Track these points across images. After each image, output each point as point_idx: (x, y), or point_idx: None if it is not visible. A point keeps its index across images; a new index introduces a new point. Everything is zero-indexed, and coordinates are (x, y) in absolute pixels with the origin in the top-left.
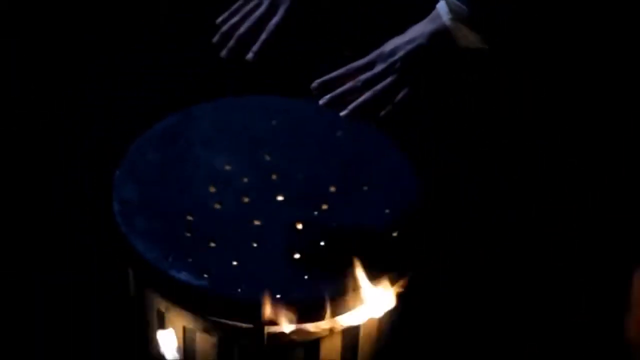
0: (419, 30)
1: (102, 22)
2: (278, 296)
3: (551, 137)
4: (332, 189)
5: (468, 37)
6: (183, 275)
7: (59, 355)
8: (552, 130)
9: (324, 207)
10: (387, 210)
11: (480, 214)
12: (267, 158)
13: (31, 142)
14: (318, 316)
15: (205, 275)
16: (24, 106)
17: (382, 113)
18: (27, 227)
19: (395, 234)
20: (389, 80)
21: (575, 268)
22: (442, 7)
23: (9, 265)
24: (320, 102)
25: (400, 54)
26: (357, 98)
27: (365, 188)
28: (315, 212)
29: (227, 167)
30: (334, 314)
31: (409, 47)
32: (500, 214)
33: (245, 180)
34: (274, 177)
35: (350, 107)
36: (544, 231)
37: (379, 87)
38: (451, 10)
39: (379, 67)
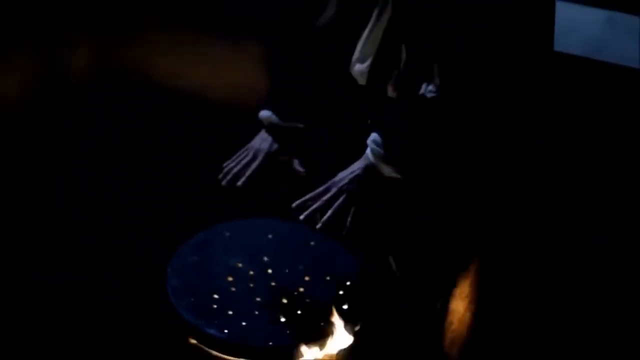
0: (356, 166)
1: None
2: (270, 343)
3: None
4: (307, 278)
5: (385, 169)
6: (211, 331)
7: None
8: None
9: (301, 289)
10: (340, 292)
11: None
12: (265, 259)
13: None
14: (298, 355)
15: (225, 331)
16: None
17: (344, 232)
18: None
19: (345, 307)
20: (341, 199)
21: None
22: (368, 151)
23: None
24: (300, 217)
25: (345, 181)
26: (324, 214)
27: (328, 278)
28: (295, 293)
29: (239, 265)
30: (306, 354)
31: (351, 176)
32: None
33: (251, 273)
34: (269, 271)
35: (322, 221)
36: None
37: (335, 205)
38: (373, 152)
39: (333, 190)
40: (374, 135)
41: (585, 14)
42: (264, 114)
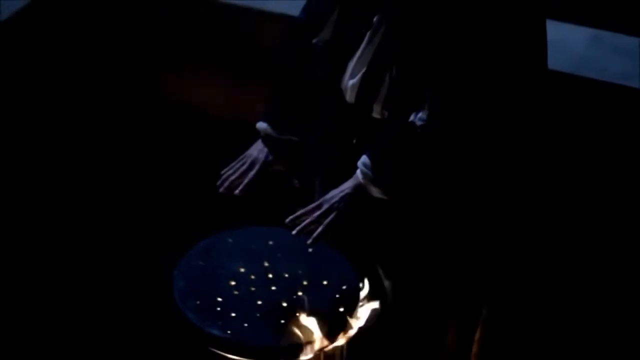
0: (346, 185)
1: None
2: (270, 343)
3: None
4: (305, 282)
5: (374, 190)
6: (215, 332)
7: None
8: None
9: (300, 293)
10: (337, 295)
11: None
12: (266, 264)
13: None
14: (295, 355)
15: (228, 332)
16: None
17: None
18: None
19: (341, 309)
20: (331, 215)
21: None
22: (358, 172)
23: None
24: (293, 232)
25: (336, 198)
26: (316, 228)
27: (325, 282)
28: (294, 296)
29: (242, 270)
30: (304, 353)
31: (341, 194)
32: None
33: (253, 277)
34: (270, 275)
35: (312, 237)
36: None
37: (326, 222)
38: (362, 173)
39: (324, 207)
40: (364, 158)
41: (572, 32)
42: (261, 125)
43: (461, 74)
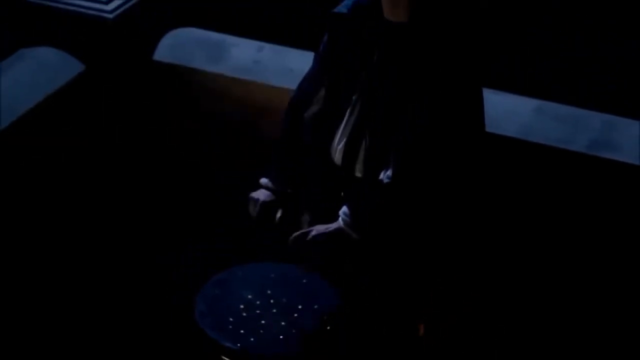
0: (331, 226)
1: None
2: (272, 353)
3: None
4: (299, 306)
5: (353, 234)
6: (227, 344)
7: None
8: None
9: (295, 315)
10: (325, 317)
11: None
12: (269, 292)
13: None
14: None
15: (238, 344)
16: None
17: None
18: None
19: (328, 327)
20: (313, 239)
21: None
22: (340, 219)
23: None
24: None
25: (321, 231)
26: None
27: (315, 306)
28: (291, 318)
29: (249, 297)
30: None
31: (326, 232)
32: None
33: (258, 302)
34: (271, 301)
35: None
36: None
37: (307, 239)
38: (343, 220)
39: (312, 233)
40: (344, 208)
41: (518, 103)
42: (263, 180)
43: (416, 143)
